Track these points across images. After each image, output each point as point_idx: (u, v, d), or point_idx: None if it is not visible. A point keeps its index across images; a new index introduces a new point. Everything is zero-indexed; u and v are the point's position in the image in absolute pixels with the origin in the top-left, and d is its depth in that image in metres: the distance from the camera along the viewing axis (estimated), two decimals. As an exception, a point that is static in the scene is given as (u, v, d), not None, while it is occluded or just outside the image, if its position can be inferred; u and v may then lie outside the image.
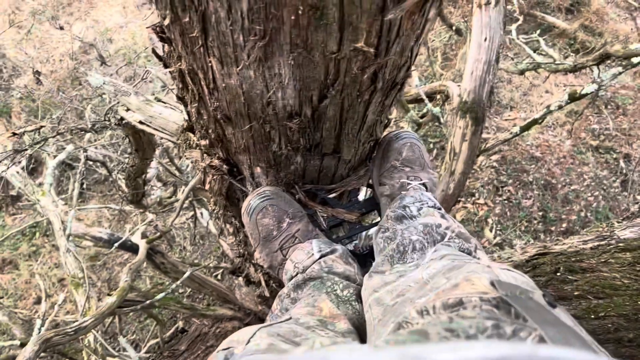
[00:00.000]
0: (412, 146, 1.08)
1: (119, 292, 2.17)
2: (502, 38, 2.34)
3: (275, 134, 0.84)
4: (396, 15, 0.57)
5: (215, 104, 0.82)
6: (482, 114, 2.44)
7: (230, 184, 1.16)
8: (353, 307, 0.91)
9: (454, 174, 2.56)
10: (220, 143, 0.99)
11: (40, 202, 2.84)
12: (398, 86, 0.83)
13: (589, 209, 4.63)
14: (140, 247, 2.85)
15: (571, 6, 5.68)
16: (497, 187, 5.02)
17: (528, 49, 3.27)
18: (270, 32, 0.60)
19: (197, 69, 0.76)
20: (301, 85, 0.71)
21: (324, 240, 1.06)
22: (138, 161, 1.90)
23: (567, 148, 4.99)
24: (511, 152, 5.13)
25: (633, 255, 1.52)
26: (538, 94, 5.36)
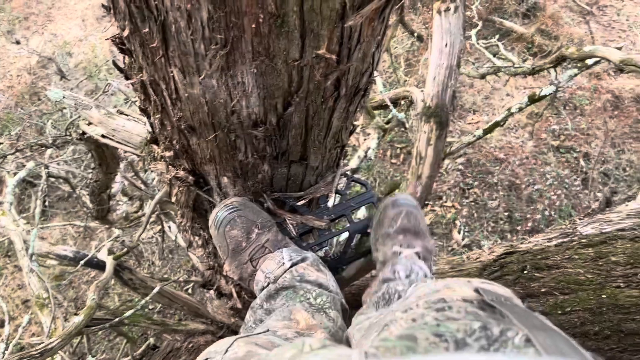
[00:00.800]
0: (407, 214, 1.09)
1: (86, 311, 2.11)
2: (462, 43, 2.38)
3: (241, 143, 0.84)
4: (356, 22, 0.58)
5: (179, 114, 0.81)
6: (446, 118, 2.47)
7: (197, 195, 1.14)
8: (327, 315, 0.92)
9: (421, 178, 2.59)
10: (185, 154, 0.98)
11: (1, 221, 2.75)
12: (361, 92, 0.83)
13: (553, 208, 4.75)
14: (107, 264, 2.79)
15: (527, 11, 5.84)
16: (463, 190, 5.11)
17: (488, 53, 3.35)
18: (232, 40, 0.60)
19: (159, 79, 0.75)
20: (265, 93, 0.71)
21: (294, 249, 1.05)
22: (102, 176, 1.86)
23: (529, 149, 5.11)
24: (475, 154, 5.23)
25: (595, 251, 1.56)
26: (499, 97, 5.49)
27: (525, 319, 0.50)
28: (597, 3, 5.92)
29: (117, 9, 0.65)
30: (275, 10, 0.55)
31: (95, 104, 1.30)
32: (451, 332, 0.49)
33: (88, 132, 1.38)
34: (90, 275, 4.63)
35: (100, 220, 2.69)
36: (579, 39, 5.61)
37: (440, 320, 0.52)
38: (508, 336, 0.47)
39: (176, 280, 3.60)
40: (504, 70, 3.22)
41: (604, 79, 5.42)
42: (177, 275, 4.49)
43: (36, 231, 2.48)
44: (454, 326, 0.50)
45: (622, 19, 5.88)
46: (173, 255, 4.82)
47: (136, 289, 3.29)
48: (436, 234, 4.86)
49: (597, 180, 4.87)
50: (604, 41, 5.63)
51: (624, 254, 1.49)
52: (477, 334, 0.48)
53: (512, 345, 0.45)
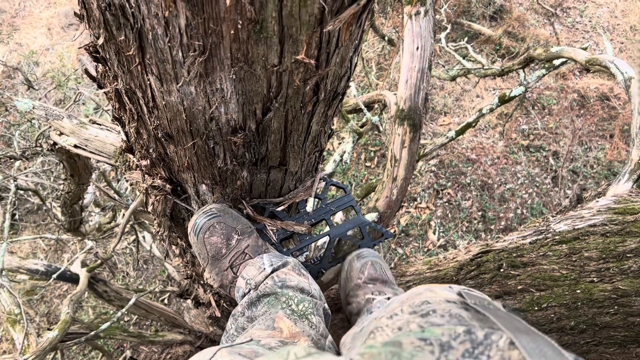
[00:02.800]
0: (373, 264, 1.13)
1: (60, 326, 2.07)
2: (433, 46, 2.42)
3: (219, 150, 0.83)
4: (335, 27, 0.58)
5: (156, 122, 0.80)
6: (419, 120, 2.50)
7: (174, 203, 1.13)
8: (309, 320, 0.91)
9: (396, 180, 2.62)
10: (162, 162, 0.96)
11: (-32, 236, 2.67)
12: (339, 96, 0.84)
13: (525, 206, 4.84)
14: (81, 276, 2.73)
15: (494, 14, 5.96)
16: (437, 191, 5.16)
17: (457, 55, 3.40)
18: (210, 47, 0.60)
19: (135, 87, 0.74)
20: (244, 99, 0.70)
21: (275, 254, 1.05)
22: (74, 187, 1.82)
23: (500, 149, 5.20)
24: (448, 156, 5.30)
25: (569, 247, 1.59)
26: (470, 99, 5.57)
27: (508, 322, 0.51)
28: (561, 5, 6.07)
29: (91, 17, 0.64)
30: (254, 15, 0.55)
31: (66, 114, 1.27)
32: (436, 336, 0.49)
33: (59, 143, 1.35)
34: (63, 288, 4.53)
35: (72, 232, 2.64)
36: (544, 40, 5.74)
37: (424, 327, 0.53)
38: (492, 339, 0.47)
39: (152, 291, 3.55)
40: (474, 72, 3.27)
41: (570, 79, 5.56)
42: (153, 285, 4.42)
43: (5, 245, 2.42)
44: (438, 331, 0.50)
45: (584, 20, 6.04)
46: (148, 265, 4.75)
47: (111, 301, 3.23)
48: (411, 235, 4.91)
49: (566, 178, 4.98)
50: (568, 42, 5.77)
51: (597, 249, 1.52)
52: (462, 338, 0.48)
53: (497, 348, 0.46)
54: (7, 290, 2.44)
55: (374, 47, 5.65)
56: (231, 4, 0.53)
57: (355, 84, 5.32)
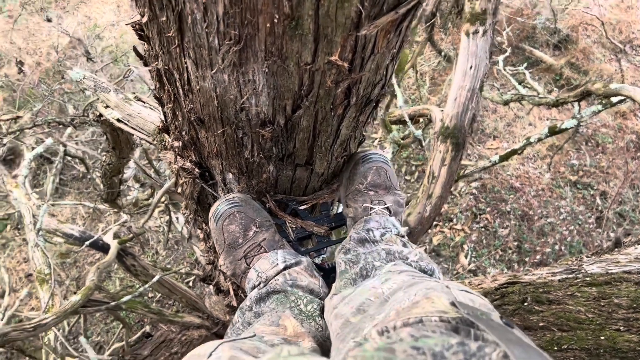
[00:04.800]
0: (378, 170, 1.08)
1: (83, 291, 2.13)
2: (487, 67, 2.37)
3: (247, 141, 0.84)
4: (370, 32, 0.58)
5: (190, 105, 0.82)
6: (463, 140, 2.46)
7: (202, 188, 1.15)
8: (317, 322, 0.91)
9: (432, 197, 2.58)
10: (194, 146, 0.98)
11: (13, 193, 2.79)
12: (373, 103, 0.83)
13: (564, 243, 4.69)
14: (112, 247, 2.81)
15: (559, 43, 5.80)
16: (475, 214, 5.07)
17: (513, 80, 3.32)
18: (246, 37, 0.60)
19: (173, 69, 0.75)
20: (275, 93, 0.71)
21: (290, 252, 1.05)
22: (114, 159, 1.88)
23: (546, 181, 5.06)
24: (491, 180, 5.19)
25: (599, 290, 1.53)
26: (522, 126, 5.45)
27: (501, 334, 0.51)
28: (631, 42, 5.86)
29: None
30: (290, 11, 0.55)
31: (114, 87, 1.31)
32: (429, 346, 0.50)
33: (105, 115, 1.40)
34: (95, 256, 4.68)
35: (109, 203, 2.72)
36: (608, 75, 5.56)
37: (417, 337, 0.53)
38: (486, 352, 0.48)
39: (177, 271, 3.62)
40: (528, 99, 3.19)
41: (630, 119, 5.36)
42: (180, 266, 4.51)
43: (46, 207, 2.51)
44: (431, 341, 0.51)
45: (654, 61, 5.81)
46: (178, 246, 4.84)
47: (137, 276, 3.31)
48: (442, 255, 4.83)
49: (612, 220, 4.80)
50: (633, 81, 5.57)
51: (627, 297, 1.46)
52: (455, 349, 0.49)
53: None
54: (41, 250, 2.54)
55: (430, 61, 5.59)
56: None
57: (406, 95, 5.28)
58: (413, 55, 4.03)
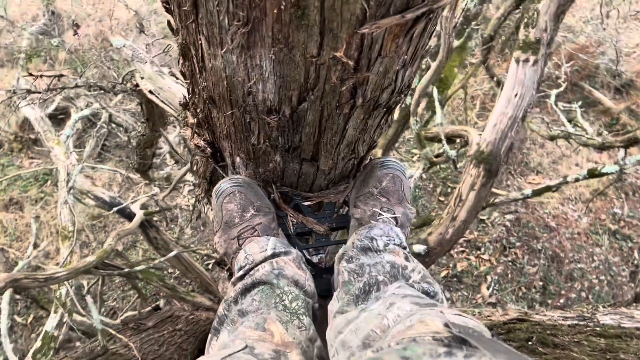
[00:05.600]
0: (393, 178, 1.07)
1: (99, 253, 2.19)
2: (533, 97, 2.32)
3: (255, 126, 0.85)
4: (371, 31, 0.57)
5: (204, 83, 0.83)
6: (497, 167, 2.41)
7: (214, 168, 1.17)
8: (300, 320, 0.91)
9: (455, 220, 2.54)
10: (207, 125, 1.00)
11: (54, 150, 2.90)
12: (382, 109, 0.83)
13: (592, 291, 4.52)
14: (137, 216, 2.88)
15: (621, 87, 5.61)
16: (504, 247, 4.95)
17: (562, 116, 3.24)
18: (253, 21, 0.61)
19: (190, 44, 0.77)
20: (281, 82, 0.71)
21: (282, 241, 1.05)
22: (148, 131, 1.93)
23: (583, 225, 4.90)
24: (527, 215, 5.06)
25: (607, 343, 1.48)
26: (567, 165, 5.29)
27: (490, 346, 0.52)
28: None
29: (162, -34, 0.68)
30: (296, 0, 0.56)
31: (150, 59, 1.35)
32: (417, 355, 0.52)
33: (140, 85, 1.44)
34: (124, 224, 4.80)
35: (141, 173, 2.79)
36: (667, 128, 5.32)
37: (406, 347, 0.55)
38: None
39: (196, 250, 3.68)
40: (575, 137, 3.10)
41: (683, 177, 5.13)
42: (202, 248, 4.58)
43: (80, 167, 2.60)
44: (420, 350, 0.53)
45: None
46: (205, 228, 4.92)
47: (158, 249, 3.38)
48: (464, 283, 4.74)
49: (646, 276, 4.60)
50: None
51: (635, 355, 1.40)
52: (443, 357, 0.51)
53: None
54: (69, 207, 2.63)
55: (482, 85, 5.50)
56: (275, -17, 0.54)
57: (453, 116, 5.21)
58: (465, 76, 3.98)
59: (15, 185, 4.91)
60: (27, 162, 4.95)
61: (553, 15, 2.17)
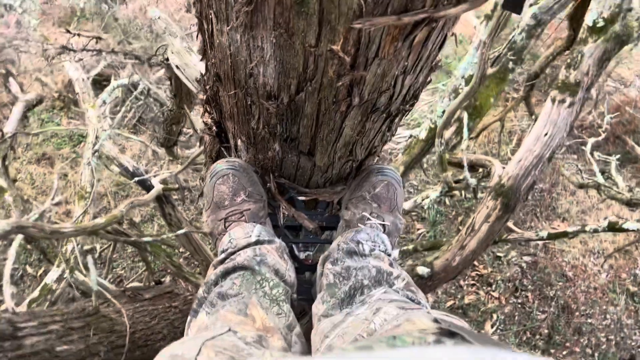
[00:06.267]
0: (388, 185, 1.07)
1: (108, 217, 2.24)
2: (563, 139, 2.27)
3: (255, 110, 0.86)
4: (364, 26, 0.58)
5: (212, 60, 0.85)
6: (515, 203, 2.37)
7: (220, 149, 1.18)
8: (280, 307, 0.92)
9: (464, 249, 2.50)
10: (215, 103, 1.02)
11: (88, 112, 2.99)
12: (382, 114, 0.83)
13: (598, 349, 4.39)
14: (154, 189, 2.94)
15: (667, 148, 5.43)
16: (516, 288, 4.85)
17: (595, 166, 3.16)
18: (257, 1, 0.62)
19: (203, 18, 0.79)
20: (281, 68, 0.72)
21: (268, 230, 1.06)
22: (175, 107, 1.97)
23: (601, 281, 4.76)
24: (545, 260, 4.95)
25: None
26: (596, 217, 5.16)
27: (479, 338, 0.53)
28: None
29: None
30: (297, -14, 0.57)
31: (182, 34, 1.38)
32: (406, 343, 0.52)
33: (169, 59, 1.47)
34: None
35: (166, 149, 2.84)
36: None
37: (395, 334, 0.56)
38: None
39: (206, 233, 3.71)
40: (603, 189, 3.02)
41: None
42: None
43: (108, 133, 2.67)
44: (409, 339, 0.53)
45: None
46: (222, 214, 4.95)
47: (171, 225, 3.42)
48: (468, 316, 4.66)
49: (658, 344, 4.44)
50: None
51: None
52: (432, 345, 0.52)
53: None
54: (91, 169, 2.69)
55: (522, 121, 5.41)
56: (277, -35, 0.55)
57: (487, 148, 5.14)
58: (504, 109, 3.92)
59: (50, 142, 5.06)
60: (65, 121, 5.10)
61: (597, 60, 2.13)
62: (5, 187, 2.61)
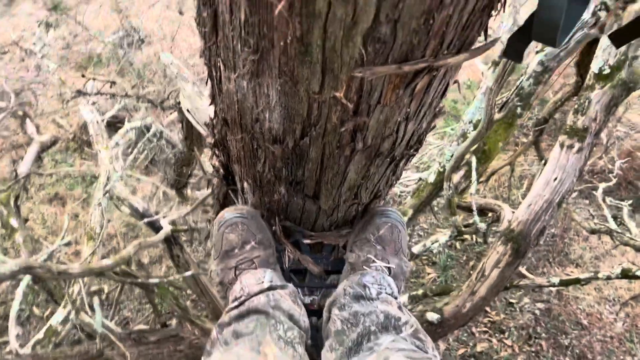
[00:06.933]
0: (392, 227, 1.07)
1: (116, 258, 2.24)
2: (572, 184, 2.26)
3: (261, 153, 0.87)
4: (365, 75, 0.59)
5: (220, 105, 0.87)
6: (525, 249, 2.34)
7: (227, 191, 1.20)
8: (295, 350, 0.92)
9: (474, 295, 2.46)
10: (223, 146, 1.03)
11: (101, 153, 3.04)
12: (386, 158, 0.83)
13: (616, 402, 4.24)
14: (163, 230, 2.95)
15: (679, 194, 5.38)
16: (530, 336, 4.73)
17: (607, 212, 3.13)
18: (262, 50, 0.64)
19: (212, 65, 0.81)
20: (286, 113, 0.74)
21: (279, 275, 1.06)
22: (186, 149, 2.00)
23: (618, 330, 4.63)
24: (559, 308, 4.84)
25: None
26: (610, 264, 5.06)
27: None
28: None
29: (195, -10, 0.73)
30: (301, 36, 0.58)
31: (193, 79, 1.42)
32: None
33: (181, 103, 1.51)
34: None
35: (176, 190, 2.87)
36: None
37: None
38: None
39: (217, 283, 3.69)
40: (616, 235, 2.98)
41: None
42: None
43: (119, 174, 2.70)
44: None
45: None
46: (230, 256, 4.94)
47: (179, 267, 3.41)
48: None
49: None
50: None
51: None
52: None
53: None
54: (102, 210, 2.72)
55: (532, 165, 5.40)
56: (282, 17, 0.57)
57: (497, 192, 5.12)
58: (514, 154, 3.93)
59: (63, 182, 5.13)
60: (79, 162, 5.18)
61: (604, 106, 2.14)
62: (16, 227, 2.63)
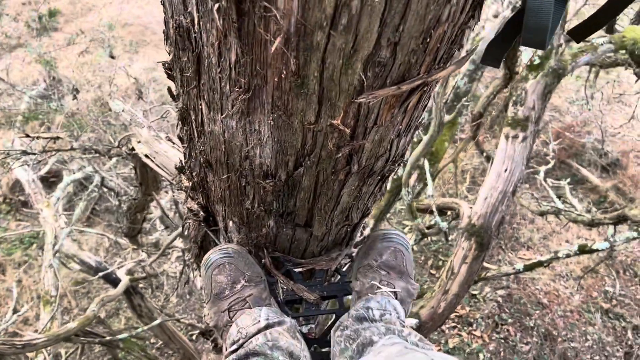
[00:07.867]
0: (395, 251, 1.07)
1: (81, 320, 2.12)
2: (522, 173, 2.36)
3: (250, 190, 0.85)
4: (368, 101, 0.59)
5: (201, 147, 0.85)
6: (488, 241, 2.42)
7: (205, 233, 1.16)
8: None
9: (447, 294, 2.51)
10: (202, 188, 1.00)
11: (43, 212, 2.88)
12: (377, 176, 0.84)
13: (586, 372, 4.42)
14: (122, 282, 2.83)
15: (607, 165, 5.73)
16: (497, 323, 4.87)
17: (552, 193, 3.28)
18: (254, 88, 0.63)
19: (190, 109, 0.79)
20: (279, 147, 0.73)
21: (275, 310, 1.03)
22: (140, 195, 1.93)
23: (575, 303, 4.85)
24: (519, 291, 5.01)
25: None
26: (558, 241, 5.30)
27: None
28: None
29: (168, 35, 0.71)
30: (297, 70, 0.58)
31: (148, 124, 1.37)
32: None
33: (136, 149, 1.45)
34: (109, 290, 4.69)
35: (129, 238, 2.76)
36: (655, 207, 5.39)
37: None
38: None
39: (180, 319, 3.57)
40: (565, 214, 3.13)
41: (673, 255, 5.15)
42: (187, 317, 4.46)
43: (68, 231, 2.57)
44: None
45: None
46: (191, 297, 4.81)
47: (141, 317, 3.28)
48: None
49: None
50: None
51: None
52: None
53: None
54: (54, 272, 2.57)
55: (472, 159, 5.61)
56: (277, 53, 0.56)
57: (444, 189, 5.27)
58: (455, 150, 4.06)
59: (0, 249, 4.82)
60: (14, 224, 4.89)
61: (540, 95, 2.26)
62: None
